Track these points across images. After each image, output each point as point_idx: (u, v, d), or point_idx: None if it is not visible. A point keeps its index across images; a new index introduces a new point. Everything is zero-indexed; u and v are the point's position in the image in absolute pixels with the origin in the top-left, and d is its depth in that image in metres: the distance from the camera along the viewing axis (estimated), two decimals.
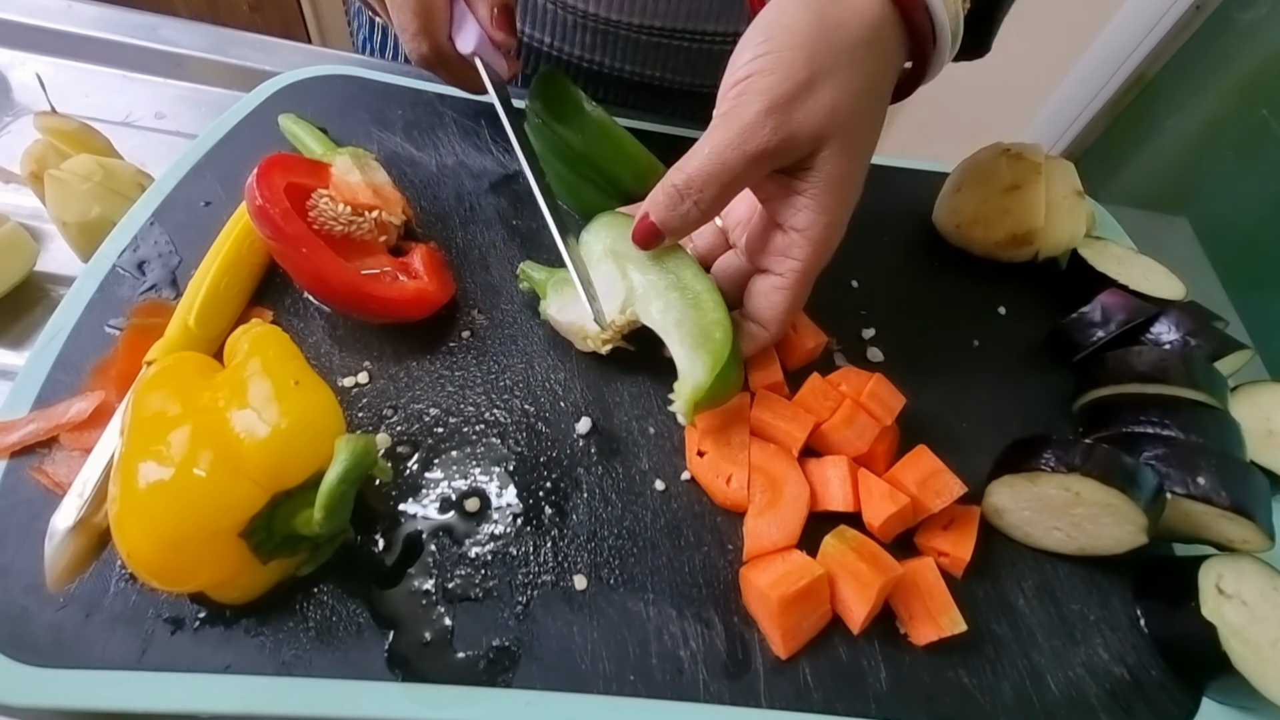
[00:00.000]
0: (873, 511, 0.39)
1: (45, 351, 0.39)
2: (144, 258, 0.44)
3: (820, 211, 0.38)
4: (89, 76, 0.63)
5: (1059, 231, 0.54)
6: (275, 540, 0.32)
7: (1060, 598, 0.40)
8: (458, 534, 0.37)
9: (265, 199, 0.39)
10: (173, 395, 0.33)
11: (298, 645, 0.33)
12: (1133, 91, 1.24)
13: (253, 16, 1.54)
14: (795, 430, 0.40)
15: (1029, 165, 0.53)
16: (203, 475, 0.29)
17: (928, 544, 0.40)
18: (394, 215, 0.45)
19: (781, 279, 0.39)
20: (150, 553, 0.29)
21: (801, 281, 0.39)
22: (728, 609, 0.37)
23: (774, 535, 0.38)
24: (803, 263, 0.39)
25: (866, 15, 0.36)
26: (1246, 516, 0.38)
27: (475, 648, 0.34)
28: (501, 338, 0.45)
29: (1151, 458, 0.40)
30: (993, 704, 0.36)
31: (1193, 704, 0.38)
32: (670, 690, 0.34)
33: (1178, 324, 0.48)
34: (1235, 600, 0.37)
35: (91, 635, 0.32)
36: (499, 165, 0.54)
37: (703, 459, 0.40)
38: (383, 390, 0.41)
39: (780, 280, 0.40)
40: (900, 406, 0.43)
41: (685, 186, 0.37)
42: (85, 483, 0.35)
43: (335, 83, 0.57)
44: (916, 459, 0.41)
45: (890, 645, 0.37)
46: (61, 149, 0.50)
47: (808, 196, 0.37)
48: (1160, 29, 1.14)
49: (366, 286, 0.41)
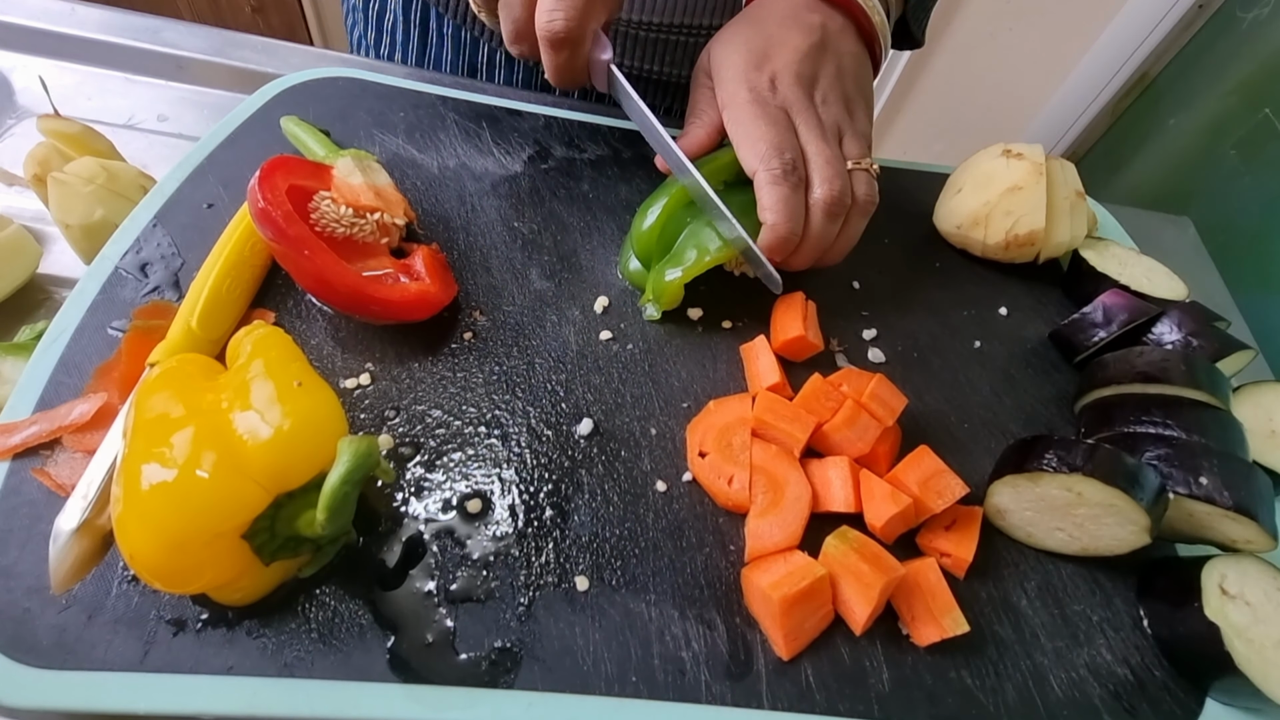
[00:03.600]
0: (874, 512, 0.39)
1: (48, 353, 0.40)
2: (147, 260, 0.44)
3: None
4: (92, 79, 0.63)
5: (1060, 232, 0.54)
6: (278, 542, 0.32)
7: (1063, 598, 0.40)
8: (459, 535, 0.37)
9: (267, 201, 0.39)
10: (175, 397, 0.33)
11: (300, 647, 0.33)
12: (1135, 91, 1.24)
13: (255, 19, 1.55)
14: (797, 431, 0.40)
15: (1030, 166, 0.53)
16: (205, 477, 0.29)
17: (930, 545, 0.40)
18: (396, 217, 0.45)
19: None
20: (153, 554, 0.30)
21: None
22: (730, 610, 0.37)
23: (775, 536, 0.38)
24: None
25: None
26: (1249, 517, 0.37)
27: (477, 649, 0.34)
28: (503, 339, 0.45)
29: (1154, 458, 0.40)
30: (995, 705, 0.36)
31: (1196, 705, 0.38)
32: (672, 691, 0.34)
33: (1180, 324, 0.48)
34: (1238, 601, 0.37)
35: (94, 637, 0.32)
36: (500, 167, 0.54)
37: (704, 460, 0.41)
38: (385, 392, 0.42)
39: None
40: (902, 407, 0.43)
41: None
42: (89, 484, 0.35)
43: (337, 85, 0.57)
44: (918, 460, 0.41)
45: (892, 646, 0.37)
46: (64, 152, 0.50)
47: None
48: (1163, 28, 1.14)
49: (368, 288, 0.41)
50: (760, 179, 0.44)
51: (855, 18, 0.50)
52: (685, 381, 0.45)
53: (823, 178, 0.44)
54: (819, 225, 0.45)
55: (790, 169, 0.44)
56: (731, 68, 0.47)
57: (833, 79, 0.48)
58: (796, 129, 0.46)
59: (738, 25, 0.49)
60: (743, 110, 0.45)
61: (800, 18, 0.48)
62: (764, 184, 0.44)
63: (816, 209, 0.45)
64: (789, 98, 0.46)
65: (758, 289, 0.49)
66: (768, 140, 0.44)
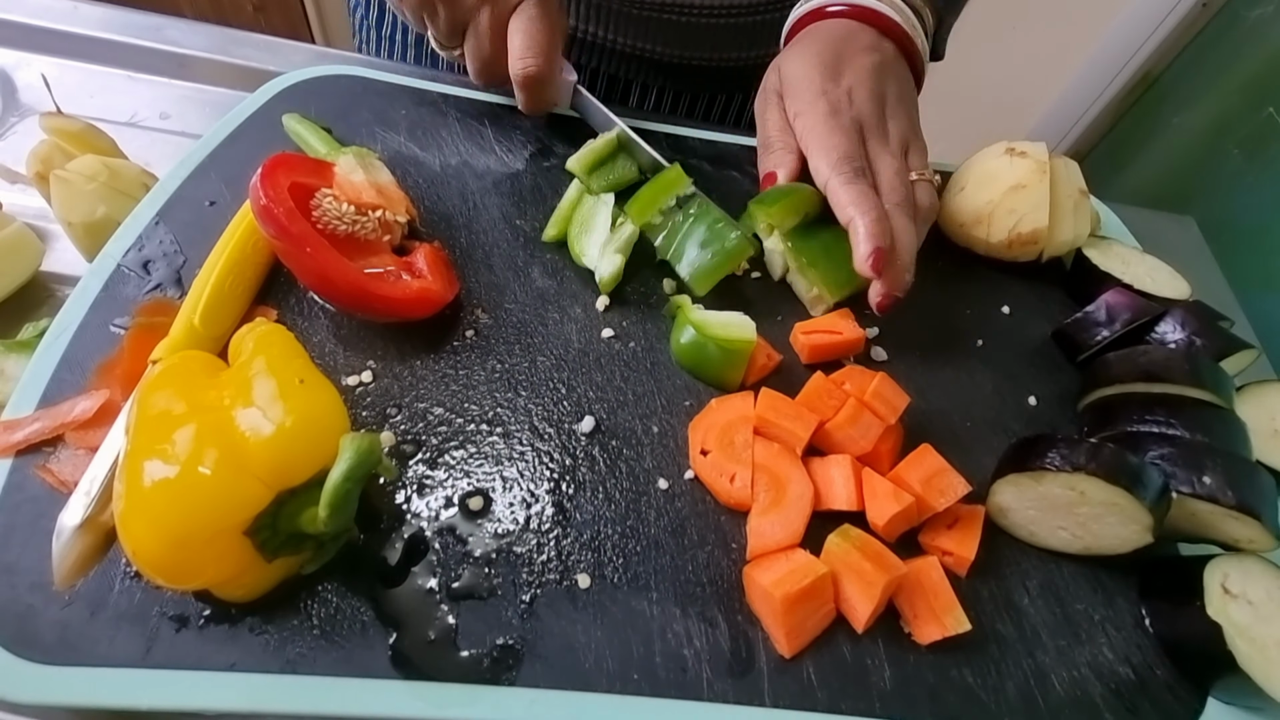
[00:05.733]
0: (877, 511, 0.39)
1: (51, 351, 0.40)
2: (149, 257, 0.44)
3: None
4: (94, 77, 0.63)
5: (1064, 231, 0.54)
6: (280, 538, 0.32)
7: (1065, 597, 0.40)
8: (461, 533, 0.37)
9: (269, 198, 0.39)
10: (178, 394, 0.33)
11: (302, 643, 0.33)
12: (1138, 90, 1.24)
13: (257, 17, 1.55)
14: (799, 429, 0.40)
15: (1034, 164, 0.53)
16: (208, 473, 0.29)
17: (932, 543, 0.40)
18: (398, 214, 0.45)
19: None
20: (155, 550, 0.30)
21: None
22: (731, 608, 0.37)
23: (777, 534, 0.38)
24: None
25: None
26: (1252, 516, 0.37)
27: (479, 646, 0.34)
28: (505, 337, 0.45)
29: (1157, 457, 0.40)
30: (997, 703, 0.36)
31: (1198, 704, 0.38)
32: (674, 689, 0.34)
33: (1183, 323, 0.48)
34: (1241, 600, 0.37)
35: (97, 633, 0.32)
36: (502, 165, 0.54)
37: (706, 458, 0.40)
38: (387, 389, 0.42)
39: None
40: (904, 406, 0.43)
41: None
42: (92, 481, 0.35)
43: (339, 82, 0.57)
44: (920, 458, 0.41)
45: (894, 644, 0.37)
46: (67, 149, 0.50)
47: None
48: (1166, 26, 1.14)
49: (370, 286, 0.41)
50: (834, 183, 0.46)
51: (903, 45, 0.53)
52: (687, 379, 0.45)
53: (890, 186, 0.47)
54: (900, 224, 0.46)
55: (861, 173, 0.46)
56: (807, 80, 0.50)
57: (897, 96, 0.51)
58: (866, 141, 0.49)
59: (804, 45, 0.52)
60: (820, 121, 0.48)
61: (860, 39, 0.52)
62: (839, 185, 0.46)
63: (892, 209, 0.46)
64: (863, 111, 0.49)
65: (759, 290, 0.49)
66: (840, 149, 0.47)
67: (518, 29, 0.50)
